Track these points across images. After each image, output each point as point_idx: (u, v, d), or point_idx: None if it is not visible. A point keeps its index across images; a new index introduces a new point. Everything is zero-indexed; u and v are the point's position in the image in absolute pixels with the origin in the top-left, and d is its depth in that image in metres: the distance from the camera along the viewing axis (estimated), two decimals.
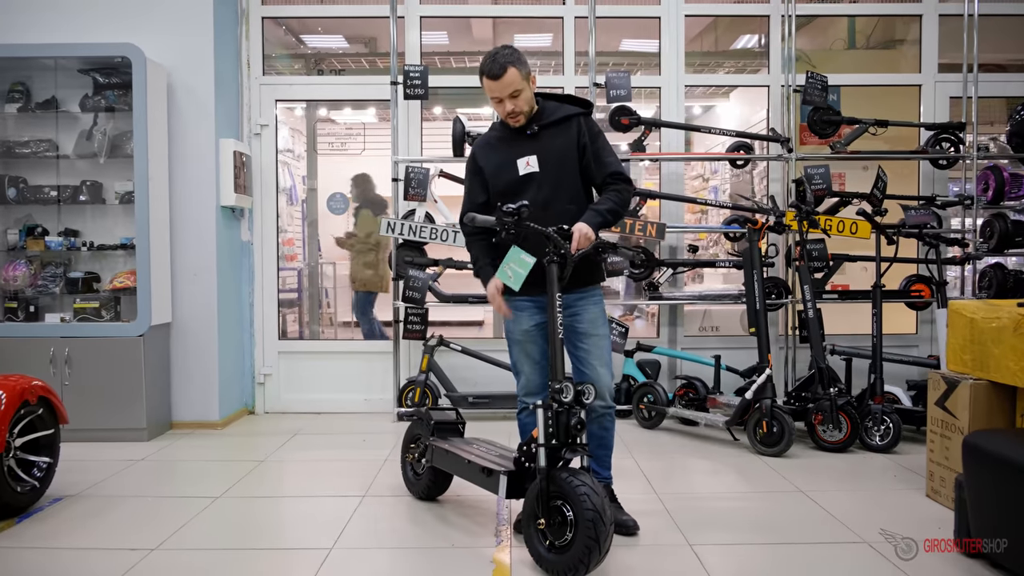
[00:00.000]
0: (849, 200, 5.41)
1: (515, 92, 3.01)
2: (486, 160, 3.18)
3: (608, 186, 3.15)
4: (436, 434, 3.54)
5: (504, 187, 3.12)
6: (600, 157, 3.15)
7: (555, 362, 2.84)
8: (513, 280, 2.89)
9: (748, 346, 5.64)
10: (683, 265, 5.47)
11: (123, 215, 5.06)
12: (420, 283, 5.23)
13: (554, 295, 2.86)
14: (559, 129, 3.13)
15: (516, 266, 2.88)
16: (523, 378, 3.26)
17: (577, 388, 2.77)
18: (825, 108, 5.34)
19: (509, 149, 3.14)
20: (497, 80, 2.98)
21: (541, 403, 2.81)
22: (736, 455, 4.52)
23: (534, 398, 3.25)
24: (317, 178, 7.87)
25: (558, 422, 2.77)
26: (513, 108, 3.04)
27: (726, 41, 7.57)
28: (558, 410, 2.77)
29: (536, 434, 2.83)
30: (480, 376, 5.56)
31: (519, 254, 2.89)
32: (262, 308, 5.71)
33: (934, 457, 3.60)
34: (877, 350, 4.64)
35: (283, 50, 6.87)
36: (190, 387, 5.17)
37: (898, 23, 7.18)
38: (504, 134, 3.18)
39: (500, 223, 2.83)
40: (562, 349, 2.87)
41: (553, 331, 2.86)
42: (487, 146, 3.22)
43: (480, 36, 7.38)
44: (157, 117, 4.90)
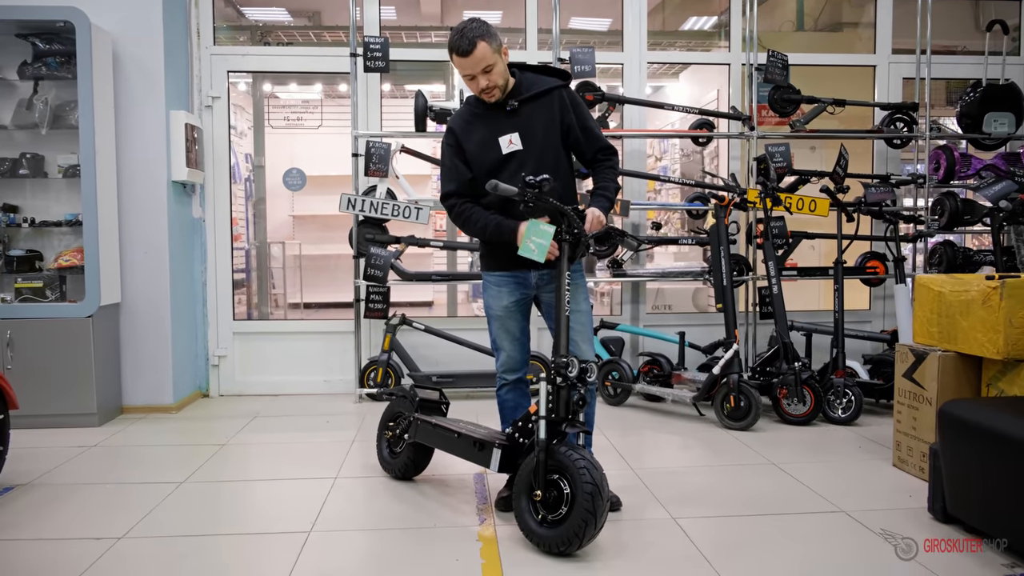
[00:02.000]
0: (808, 178, 5.49)
1: (488, 67, 2.89)
2: (466, 138, 3.05)
3: (600, 163, 3.11)
4: (421, 410, 3.46)
5: (486, 166, 3.01)
6: (589, 131, 3.10)
7: (560, 337, 2.79)
8: (537, 252, 2.79)
9: (707, 323, 5.74)
10: (648, 242, 5.47)
11: (67, 190, 4.80)
12: (382, 261, 5.11)
13: (563, 273, 2.81)
14: (539, 104, 3.03)
15: (537, 237, 2.79)
16: (503, 354, 3.21)
17: (582, 365, 2.72)
18: (786, 87, 5.39)
19: (489, 126, 3.03)
20: (468, 56, 2.86)
21: (545, 376, 2.75)
22: (704, 430, 4.56)
23: (515, 374, 3.24)
24: (264, 155, 7.62)
25: (559, 396, 2.73)
26: (487, 84, 2.93)
27: (674, 22, 7.61)
28: (560, 385, 2.73)
29: (535, 408, 2.78)
30: (442, 355, 5.48)
31: (538, 225, 2.80)
32: (215, 287, 5.51)
33: (901, 428, 3.68)
34: (839, 325, 4.73)
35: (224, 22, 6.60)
36: (142, 370, 4.96)
37: (845, 6, 7.33)
38: (481, 110, 3.06)
39: (521, 194, 2.73)
40: (567, 326, 2.82)
41: (560, 306, 2.82)
42: (465, 123, 3.08)
43: (428, 11, 7.24)
44: (103, 87, 4.64)
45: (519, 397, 3.28)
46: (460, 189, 3.05)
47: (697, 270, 5.58)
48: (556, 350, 2.81)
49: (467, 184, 3.05)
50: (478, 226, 3.01)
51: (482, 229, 3.00)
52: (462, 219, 3.05)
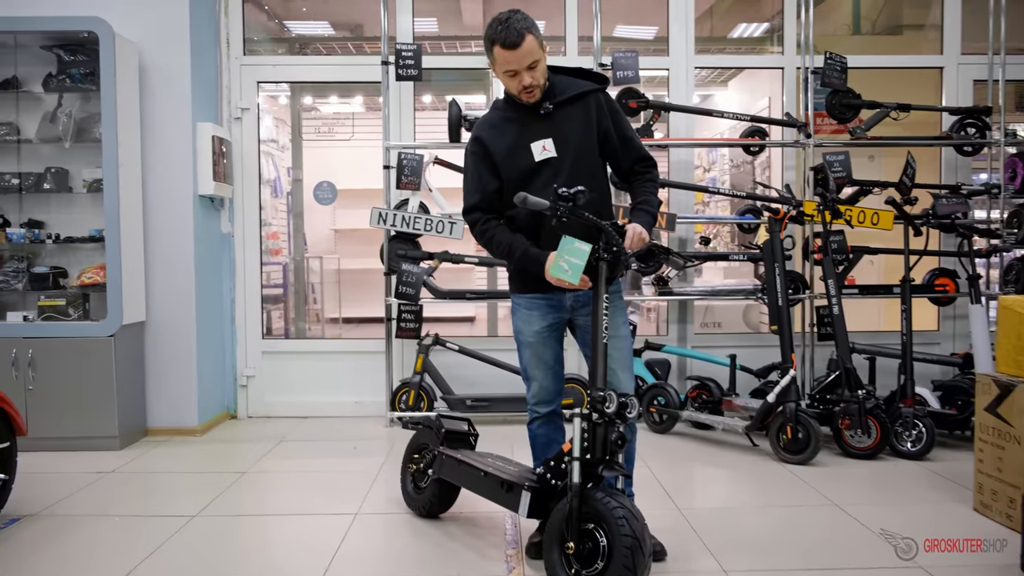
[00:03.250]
0: (870, 189, 5.09)
1: (533, 63, 2.60)
2: (495, 143, 2.75)
3: (639, 174, 2.82)
4: (446, 444, 3.19)
5: (516, 174, 2.72)
6: (627, 140, 2.81)
7: (596, 367, 2.49)
8: (571, 273, 2.49)
9: (760, 344, 5.36)
10: (695, 258, 5.14)
11: (92, 205, 4.66)
12: (414, 278, 4.86)
13: (601, 295, 2.52)
14: (575, 108, 2.75)
15: (571, 256, 2.50)
16: (535, 385, 2.89)
17: (621, 399, 2.42)
18: (845, 91, 5.02)
19: (520, 131, 2.74)
20: (515, 49, 2.56)
21: (580, 412, 2.45)
22: (757, 462, 4.20)
23: (548, 406, 2.92)
24: (303, 168, 7.48)
25: (595, 435, 2.42)
26: (530, 81, 2.63)
27: (723, 28, 7.26)
28: (597, 422, 2.43)
29: (568, 447, 2.48)
30: (478, 376, 5.20)
31: (572, 243, 2.50)
32: (244, 305, 5.33)
33: (984, 468, 3.28)
34: (907, 349, 4.33)
35: (266, 34, 6.49)
36: (166, 390, 4.79)
37: (906, 7, 6.89)
38: (512, 114, 2.77)
39: (553, 208, 2.45)
40: (605, 354, 2.52)
41: (597, 333, 2.52)
42: (494, 128, 2.78)
43: (471, 21, 7.03)
44: (128, 98, 4.50)
45: (552, 432, 2.96)
46: (484, 203, 2.77)
47: (749, 288, 5.22)
48: (592, 382, 2.51)
49: (492, 197, 2.76)
50: (501, 249, 2.73)
51: (507, 254, 2.72)
52: (485, 239, 2.77)
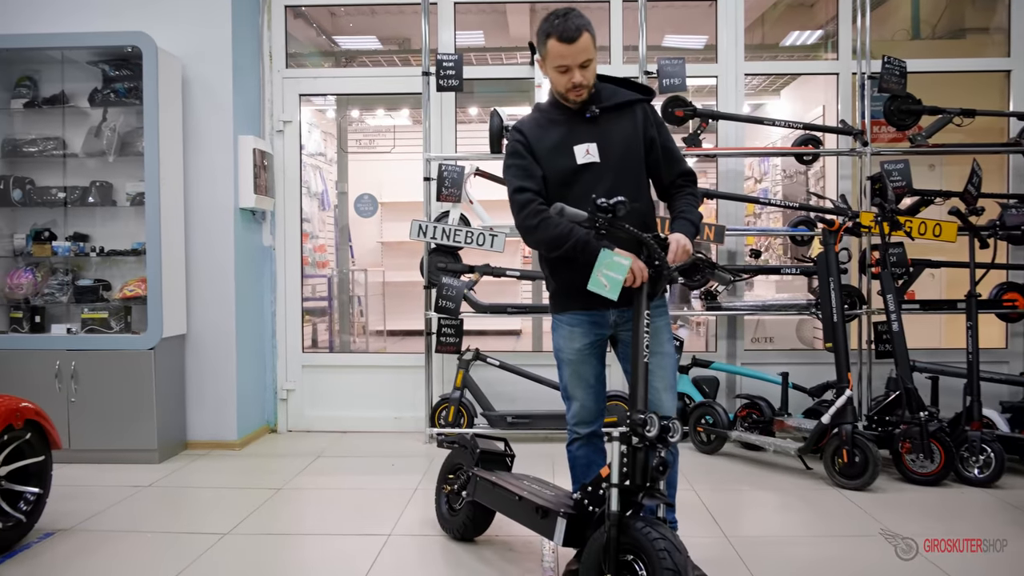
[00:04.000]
0: (931, 199, 4.84)
1: (586, 62, 2.51)
2: (538, 141, 2.64)
3: (681, 188, 2.69)
4: (481, 464, 3.07)
5: (556, 177, 2.61)
6: (671, 153, 2.70)
7: (636, 388, 2.35)
8: (610, 289, 2.36)
9: (814, 361, 5.14)
10: (745, 272, 4.94)
11: (135, 218, 4.68)
12: (454, 292, 4.77)
13: (642, 312, 2.38)
14: (621, 115, 2.64)
15: (611, 270, 2.37)
16: (575, 404, 2.76)
17: (663, 423, 2.27)
18: (904, 96, 4.78)
19: (564, 133, 2.63)
20: (572, 44, 2.47)
21: (618, 435, 2.32)
22: (811, 487, 3.99)
23: (588, 427, 2.78)
24: (347, 181, 7.48)
25: (635, 460, 2.28)
26: (580, 80, 2.53)
27: (774, 36, 7.04)
28: (637, 446, 2.28)
29: (606, 472, 2.34)
30: (519, 392, 5.08)
31: (611, 256, 2.37)
32: (285, 318, 5.30)
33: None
34: (974, 368, 4.08)
35: (314, 48, 6.51)
36: (206, 404, 4.77)
37: (969, 10, 6.58)
38: (556, 116, 2.67)
39: (592, 219, 2.33)
40: (645, 374, 2.38)
41: (638, 352, 2.37)
42: (536, 126, 2.67)
43: (517, 33, 6.96)
44: (170, 112, 4.52)
45: (592, 454, 2.82)
46: (535, 185, 2.60)
47: (802, 303, 5.00)
48: (632, 403, 2.37)
49: (541, 184, 2.61)
50: (555, 232, 2.51)
51: (560, 237, 2.50)
52: (536, 219, 2.55)
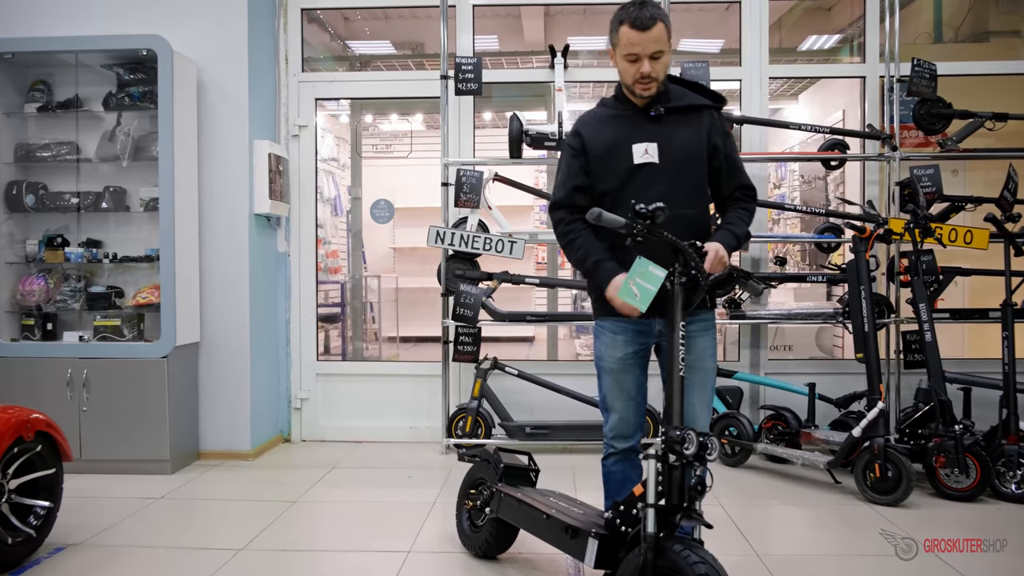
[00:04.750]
0: (962, 205, 4.71)
1: (657, 53, 2.42)
2: (594, 138, 2.55)
3: (738, 201, 2.60)
4: (505, 480, 2.96)
5: (612, 175, 2.52)
6: (734, 164, 2.60)
7: (673, 403, 2.24)
8: (640, 299, 2.28)
9: (838, 371, 5.04)
10: (770, 279, 4.83)
11: (149, 224, 4.61)
12: (473, 299, 4.67)
13: (678, 323, 2.27)
14: (687, 118, 2.53)
15: (644, 281, 2.28)
16: (614, 416, 2.63)
17: (701, 439, 2.16)
18: (934, 100, 4.66)
19: (625, 129, 2.53)
20: (645, 31, 2.39)
21: (655, 452, 2.21)
22: (841, 502, 3.86)
23: (626, 442, 2.64)
24: (361, 186, 7.40)
25: (671, 479, 2.17)
26: (649, 70, 2.42)
27: (792, 40, 6.92)
28: (674, 464, 2.17)
29: (640, 490, 2.24)
30: (537, 402, 4.97)
31: (646, 266, 2.29)
32: (299, 325, 5.21)
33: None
34: (1010, 379, 3.95)
35: (328, 53, 6.44)
36: (219, 413, 4.69)
37: (993, 13, 6.46)
38: (619, 111, 2.57)
39: (629, 226, 2.23)
40: (681, 389, 2.27)
41: (674, 366, 2.27)
42: (597, 122, 2.60)
43: (531, 38, 6.88)
44: (185, 116, 4.44)
45: (628, 470, 2.68)
46: (566, 200, 2.59)
47: (828, 311, 4.88)
48: (667, 419, 2.26)
49: (574, 194, 2.57)
50: (579, 254, 2.55)
51: (581, 259, 2.54)
52: (566, 239, 2.58)
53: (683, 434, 2.18)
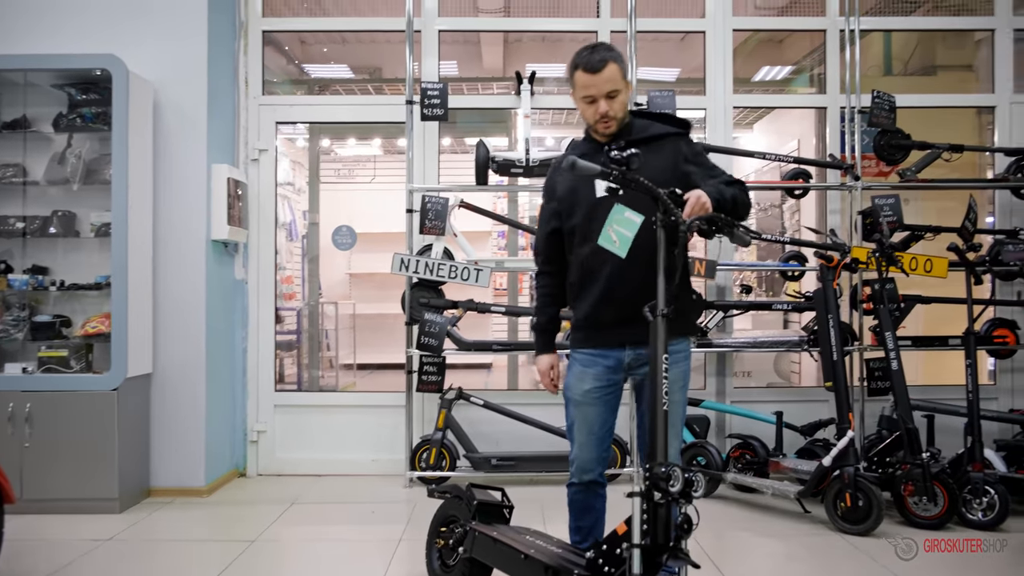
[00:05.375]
0: (922, 234, 4.79)
1: (612, 92, 2.51)
2: (561, 183, 2.65)
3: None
4: (479, 517, 2.86)
5: (577, 211, 2.58)
6: (713, 169, 2.60)
7: (656, 438, 2.18)
8: (619, 245, 2.36)
9: (804, 399, 5.06)
10: (736, 307, 4.83)
11: (100, 250, 4.42)
12: (438, 328, 4.57)
13: (660, 356, 2.21)
14: (651, 148, 2.53)
15: (621, 227, 2.36)
16: (576, 448, 2.65)
17: (687, 476, 2.10)
18: (894, 131, 4.75)
19: None
20: (597, 74, 2.48)
21: (638, 490, 2.14)
22: (813, 532, 3.84)
23: (588, 475, 2.65)
24: (319, 212, 7.26)
25: (656, 517, 2.10)
26: (607, 110, 2.51)
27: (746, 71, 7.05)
28: (659, 502, 2.11)
29: (623, 529, 2.17)
30: (502, 432, 4.87)
31: (623, 211, 2.37)
32: (257, 355, 5.04)
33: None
34: (974, 407, 3.99)
35: (284, 76, 6.32)
36: (172, 448, 4.48)
37: (940, 48, 6.66)
38: (585, 150, 2.62)
39: (605, 173, 2.25)
40: (665, 423, 2.20)
41: (657, 400, 2.20)
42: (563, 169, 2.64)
43: (490, 64, 6.88)
44: (140, 139, 4.29)
45: (590, 499, 2.70)
46: (540, 245, 2.77)
47: (794, 339, 4.89)
48: (651, 455, 2.20)
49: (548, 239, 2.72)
50: (535, 310, 2.84)
51: (535, 314, 2.85)
52: (535, 287, 2.84)
53: (668, 471, 2.12)
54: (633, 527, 2.14)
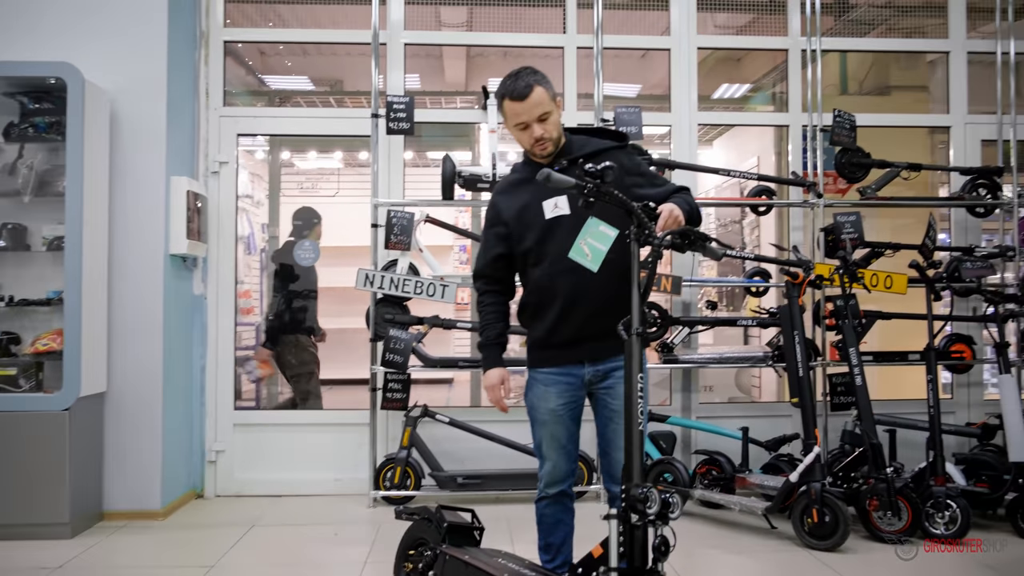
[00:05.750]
0: (882, 251, 4.87)
1: (543, 115, 2.54)
2: (508, 204, 2.67)
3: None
4: (449, 540, 2.80)
5: (529, 234, 2.61)
6: (657, 184, 2.64)
7: (633, 459, 2.15)
8: (592, 259, 2.35)
9: (769, 414, 5.10)
10: (702, 323, 4.85)
11: (52, 264, 4.27)
12: (403, 345, 4.50)
13: (635, 375, 2.18)
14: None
15: (595, 241, 2.35)
16: (548, 464, 2.69)
17: (664, 497, 2.08)
18: (855, 150, 4.83)
19: (532, 191, 2.61)
20: (523, 100, 2.52)
21: (615, 512, 2.11)
22: (780, 548, 3.85)
23: (558, 487, 2.71)
24: (279, 225, 7.15)
25: (633, 539, 2.08)
26: (541, 133, 2.55)
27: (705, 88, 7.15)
28: (636, 524, 2.08)
29: (599, 552, 2.14)
30: (468, 451, 4.81)
31: (598, 225, 2.36)
32: (216, 373, 4.91)
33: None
34: (935, 422, 4.04)
35: (243, 87, 6.22)
36: (126, 469, 4.33)
37: (894, 69, 6.83)
38: (526, 174, 2.64)
39: (579, 186, 2.23)
40: (641, 443, 2.18)
41: (633, 420, 2.18)
42: (509, 189, 2.72)
43: (452, 78, 6.86)
44: (96, 150, 4.16)
45: (561, 512, 2.75)
46: (486, 269, 2.76)
47: (759, 355, 4.93)
48: (627, 475, 2.17)
49: (495, 263, 2.73)
50: (480, 328, 2.78)
51: (480, 332, 2.78)
52: (479, 308, 2.80)
53: (645, 492, 2.10)
54: (610, 550, 2.11)
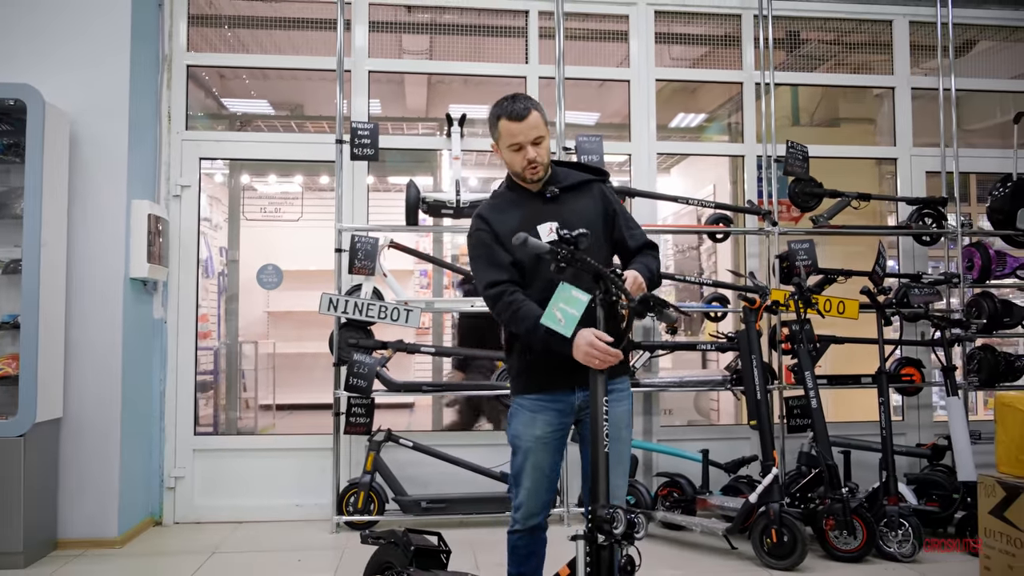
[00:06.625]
0: (835, 278, 5.03)
1: (538, 139, 2.55)
2: (501, 224, 2.59)
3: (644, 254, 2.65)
4: (416, 563, 2.80)
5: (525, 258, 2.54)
6: (631, 225, 2.70)
7: (599, 480, 2.20)
8: (564, 324, 2.30)
9: (727, 436, 5.20)
10: (663, 348, 4.94)
11: (7, 287, 4.20)
12: (367, 369, 4.51)
13: (600, 397, 2.25)
14: (580, 194, 2.65)
15: (567, 305, 2.32)
16: (523, 493, 2.61)
17: (629, 517, 2.13)
18: (807, 180, 5.00)
19: (525, 214, 2.60)
20: (522, 121, 2.53)
21: (582, 534, 2.16)
22: (740, 569, 3.92)
23: (534, 519, 2.64)
24: (239, 249, 7.08)
25: (599, 560, 2.12)
26: (535, 156, 2.55)
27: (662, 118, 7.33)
28: (602, 544, 2.12)
29: (565, 572, 2.18)
30: (431, 475, 4.81)
31: (570, 291, 2.33)
32: (175, 398, 4.84)
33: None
34: (888, 443, 4.18)
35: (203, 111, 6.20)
36: (83, 496, 4.24)
37: (842, 102, 7.09)
38: (516, 197, 2.65)
39: (554, 252, 2.27)
40: (607, 465, 2.23)
41: (598, 442, 2.23)
42: (498, 210, 2.64)
43: (414, 105, 6.92)
44: (55, 172, 4.11)
45: (534, 544, 2.70)
46: (502, 275, 2.54)
47: (718, 379, 5.03)
48: (593, 497, 2.22)
49: (509, 268, 2.54)
50: (527, 324, 2.43)
51: (531, 327, 2.41)
52: (510, 311, 2.47)
53: (612, 513, 2.15)
54: (577, 570, 2.16)
